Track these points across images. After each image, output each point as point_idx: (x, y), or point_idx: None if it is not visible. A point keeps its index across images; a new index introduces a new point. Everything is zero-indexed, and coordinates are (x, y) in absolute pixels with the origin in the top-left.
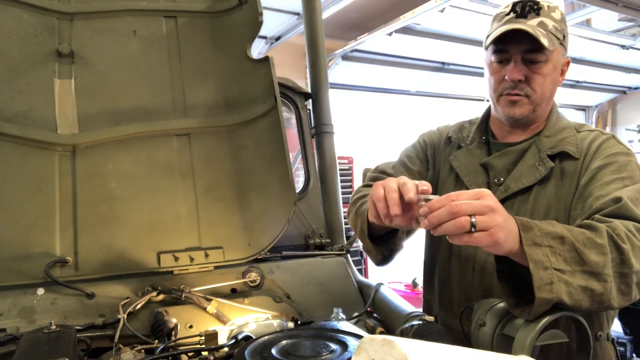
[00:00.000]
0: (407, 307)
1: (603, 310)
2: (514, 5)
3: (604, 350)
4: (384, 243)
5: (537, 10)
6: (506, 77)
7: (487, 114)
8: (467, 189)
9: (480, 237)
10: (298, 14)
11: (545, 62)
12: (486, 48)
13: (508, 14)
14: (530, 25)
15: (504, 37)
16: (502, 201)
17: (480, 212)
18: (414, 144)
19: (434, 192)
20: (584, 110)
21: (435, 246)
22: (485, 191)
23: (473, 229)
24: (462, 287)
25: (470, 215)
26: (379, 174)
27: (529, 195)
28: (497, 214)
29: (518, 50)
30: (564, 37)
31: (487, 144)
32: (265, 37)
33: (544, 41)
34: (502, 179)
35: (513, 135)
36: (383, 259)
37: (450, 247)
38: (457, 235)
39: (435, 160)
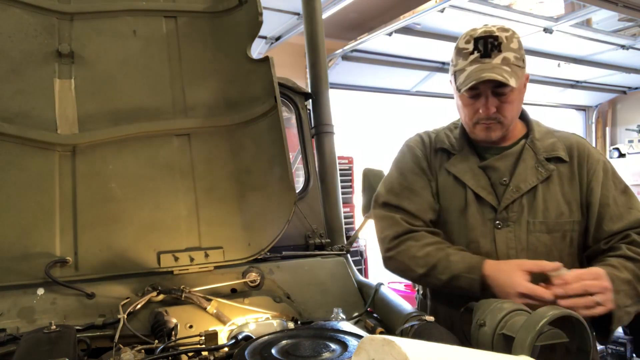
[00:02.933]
0: (407, 307)
1: None
2: (476, 42)
3: None
4: None
5: (498, 46)
6: (481, 111)
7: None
8: (472, 190)
9: (598, 310)
10: (298, 14)
11: (511, 91)
12: (458, 89)
13: (472, 52)
14: (496, 65)
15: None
16: (514, 200)
17: (602, 291)
18: (413, 159)
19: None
20: (584, 110)
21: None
22: (601, 272)
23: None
24: None
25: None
26: (395, 214)
27: (535, 193)
28: (611, 291)
29: (488, 87)
30: (523, 61)
31: (475, 149)
32: (265, 37)
33: (512, 82)
34: (505, 179)
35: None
36: None
37: (467, 245)
38: (581, 309)
39: (430, 169)
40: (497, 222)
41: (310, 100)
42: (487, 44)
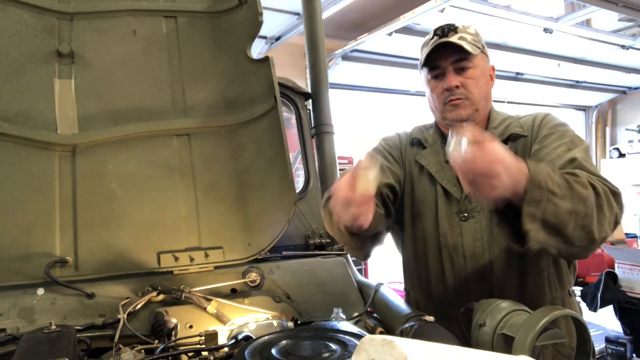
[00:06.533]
0: (407, 307)
1: (586, 241)
2: (435, 31)
3: (573, 304)
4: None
5: (454, 29)
6: (445, 86)
7: (437, 124)
8: (440, 184)
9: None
10: (298, 14)
11: (473, 67)
12: (421, 68)
13: (432, 38)
14: (452, 39)
15: (435, 55)
16: None
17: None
18: (375, 148)
19: (408, 190)
20: (584, 110)
21: (421, 243)
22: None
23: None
24: (457, 275)
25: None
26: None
27: None
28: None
29: (448, 62)
30: (483, 46)
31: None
32: (265, 37)
33: (467, 47)
34: None
35: None
36: (366, 250)
37: (438, 241)
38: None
39: (403, 160)
40: (462, 214)
41: (310, 100)
42: (444, 29)
